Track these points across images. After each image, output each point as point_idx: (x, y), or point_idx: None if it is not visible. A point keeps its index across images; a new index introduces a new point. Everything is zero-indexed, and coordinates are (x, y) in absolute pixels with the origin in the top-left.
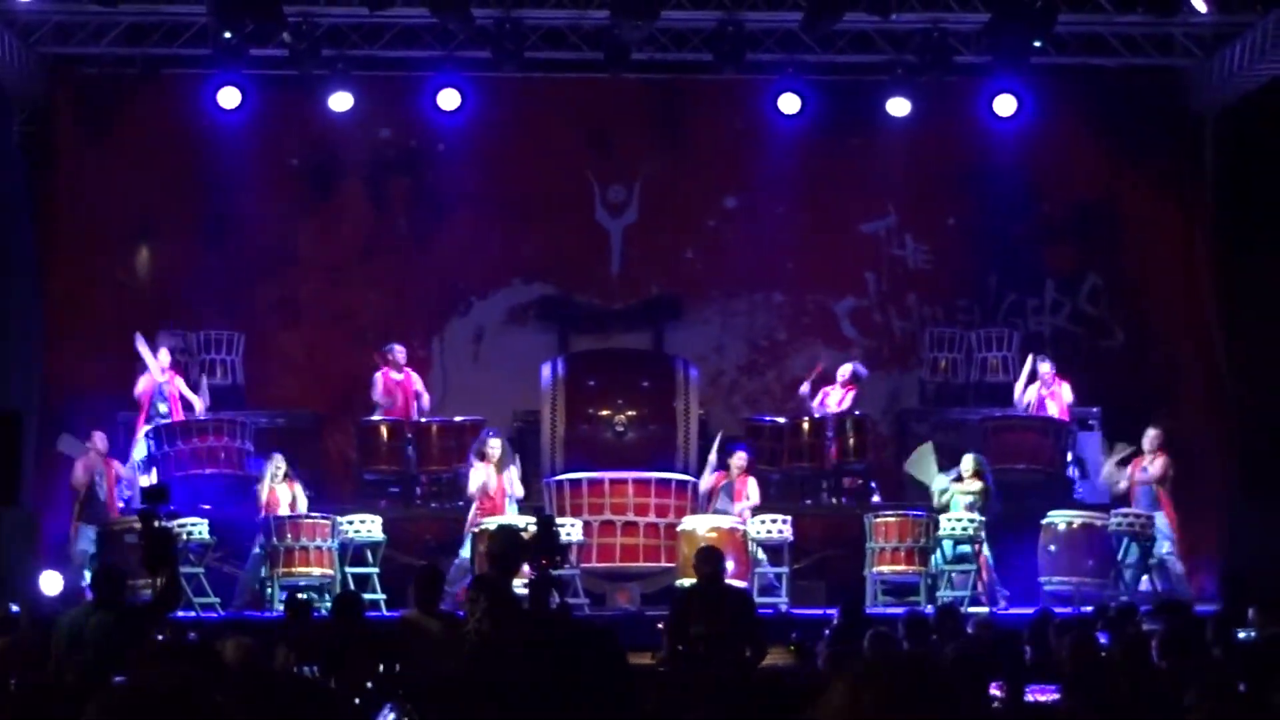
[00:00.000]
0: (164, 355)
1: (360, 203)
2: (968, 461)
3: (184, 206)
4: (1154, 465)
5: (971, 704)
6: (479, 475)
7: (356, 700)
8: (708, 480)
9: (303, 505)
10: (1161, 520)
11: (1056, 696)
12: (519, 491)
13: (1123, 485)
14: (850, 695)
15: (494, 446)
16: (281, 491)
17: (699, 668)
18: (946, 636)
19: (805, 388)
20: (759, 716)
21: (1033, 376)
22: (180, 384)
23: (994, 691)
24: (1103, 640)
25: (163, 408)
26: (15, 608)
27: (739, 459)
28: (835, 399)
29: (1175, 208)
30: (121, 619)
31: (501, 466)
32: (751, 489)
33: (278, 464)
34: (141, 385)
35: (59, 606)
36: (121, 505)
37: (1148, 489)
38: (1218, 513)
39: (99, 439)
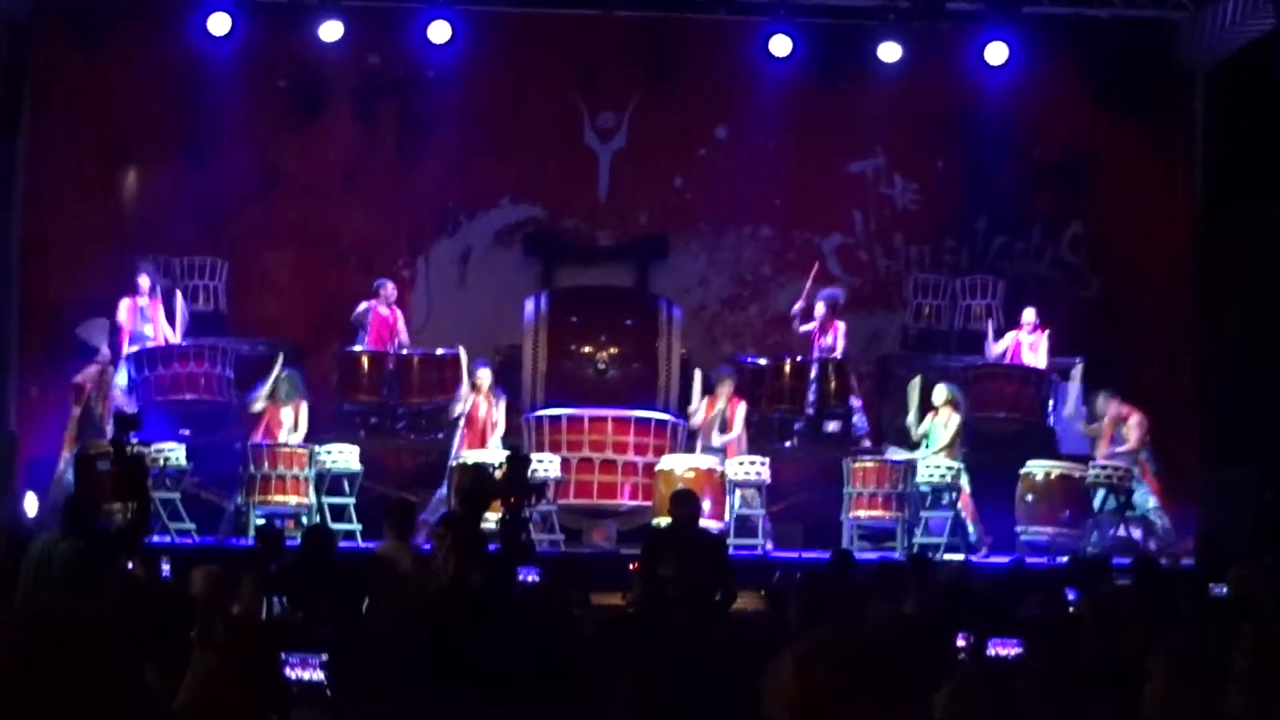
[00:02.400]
0: (144, 281)
1: (347, 125)
2: (940, 391)
3: (169, 129)
4: (1130, 435)
5: (937, 656)
6: (467, 401)
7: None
8: (700, 413)
9: (299, 435)
10: (1139, 472)
11: (1018, 651)
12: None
13: (1102, 448)
14: (798, 667)
15: (484, 376)
16: (284, 414)
17: (667, 610)
18: (917, 585)
19: (799, 304)
20: (723, 663)
21: (1011, 326)
22: (161, 313)
23: (960, 643)
24: (1071, 596)
25: (147, 330)
26: None
27: (726, 384)
28: (829, 341)
29: (1161, 160)
30: (91, 546)
31: (492, 397)
32: (739, 418)
33: (283, 378)
34: (123, 313)
35: (34, 530)
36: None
37: (1119, 439)
38: (1191, 468)
39: (106, 351)
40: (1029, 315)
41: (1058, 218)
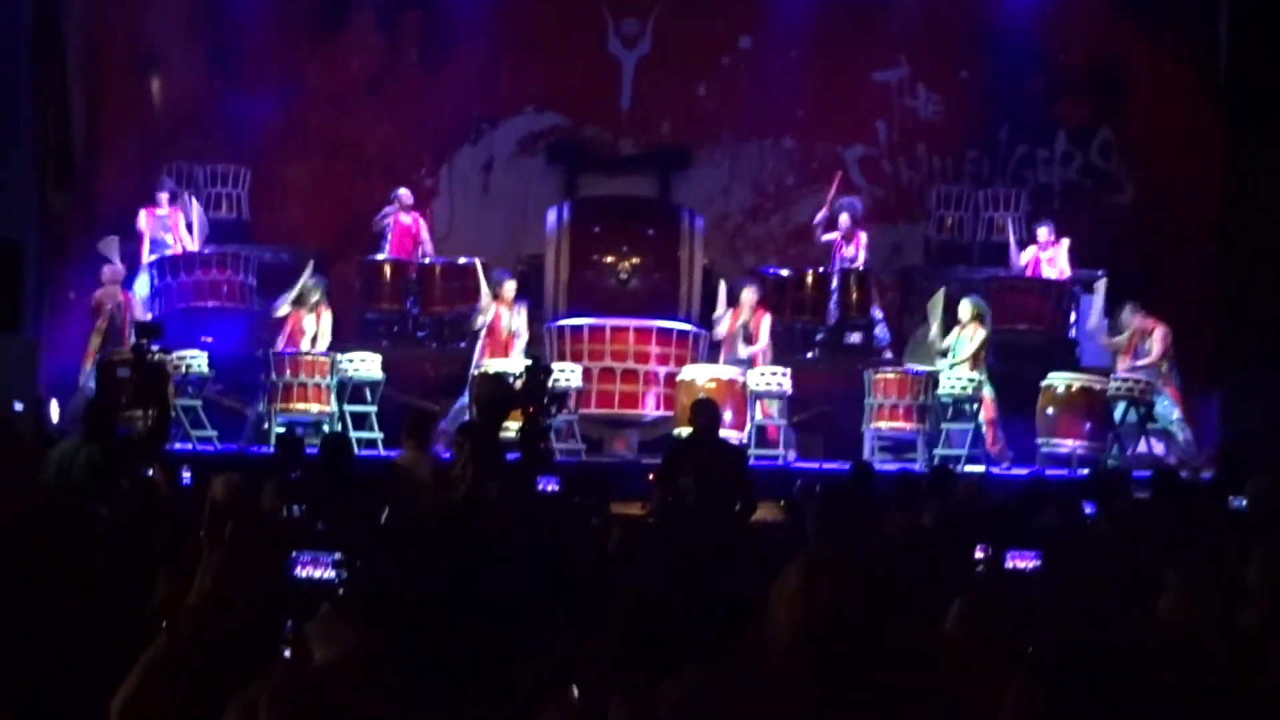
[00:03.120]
0: (163, 192)
1: (370, 33)
2: (966, 306)
3: (194, 40)
4: (1154, 347)
5: (954, 567)
6: (490, 312)
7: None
8: (724, 323)
9: (323, 343)
10: (1162, 385)
11: (1036, 563)
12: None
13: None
14: (803, 581)
15: (508, 287)
16: (307, 321)
17: (686, 520)
18: (936, 497)
19: (822, 213)
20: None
21: (1031, 240)
22: (181, 222)
23: (978, 555)
24: (1090, 510)
25: (168, 238)
26: (18, 405)
27: (749, 294)
28: (851, 251)
29: (1186, 74)
30: (111, 453)
31: (514, 307)
32: (765, 329)
33: (310, 285)
34: (143, 221)
35: (56, 436)
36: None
37: (1143, 351)
38: (1214, 380)
39: (108, 270)
40: (1044, 233)
41: (1086, 124)
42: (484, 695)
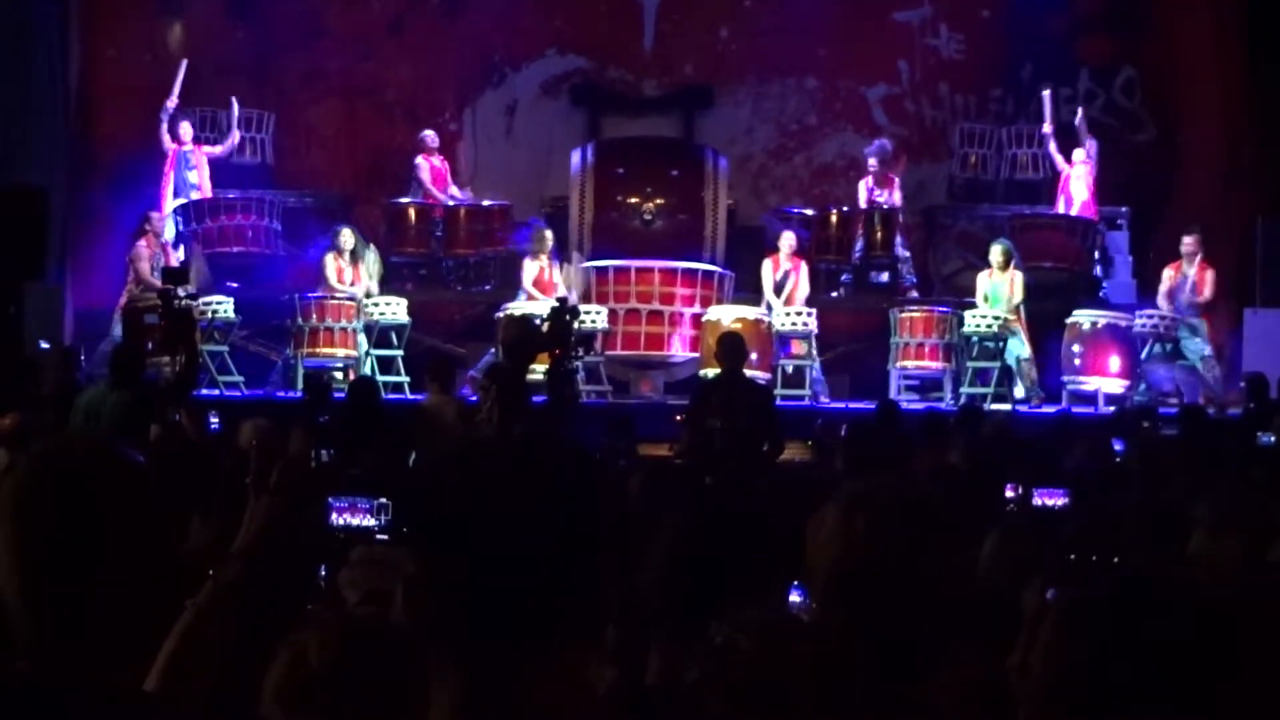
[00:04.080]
0: (186, 130)
1: None
2: (996, 251)
3: None
4: (1206, 285)
5: (982, 506)
6: (533, 268)
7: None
8: (767, 280)
9: (363, 288)
10: (1201, 325)
11: (1065, 501)
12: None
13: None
14: (842, 518)
15: (548, 237)
16: (347, 273)
17: (715, 460)
18: (963, 436)
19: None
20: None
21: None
22: (204, 161)
23: (1008, 493)
24: (1118, 446)
25: (192, 177)
26: (45, 344)
27: (788, 240)
28: (883, 197)
29: (1212, 7)
30: (139, 398)
31: (550, 256)
32: (805, 278)
33: (344, 239)
34: (166, 140)
35: (83, 382)
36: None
37: (1186, 288)
38: (1238, 316)
39: (157, 220)
40: (1079, 154)
41: (1108, 63)
42: (526, 631)
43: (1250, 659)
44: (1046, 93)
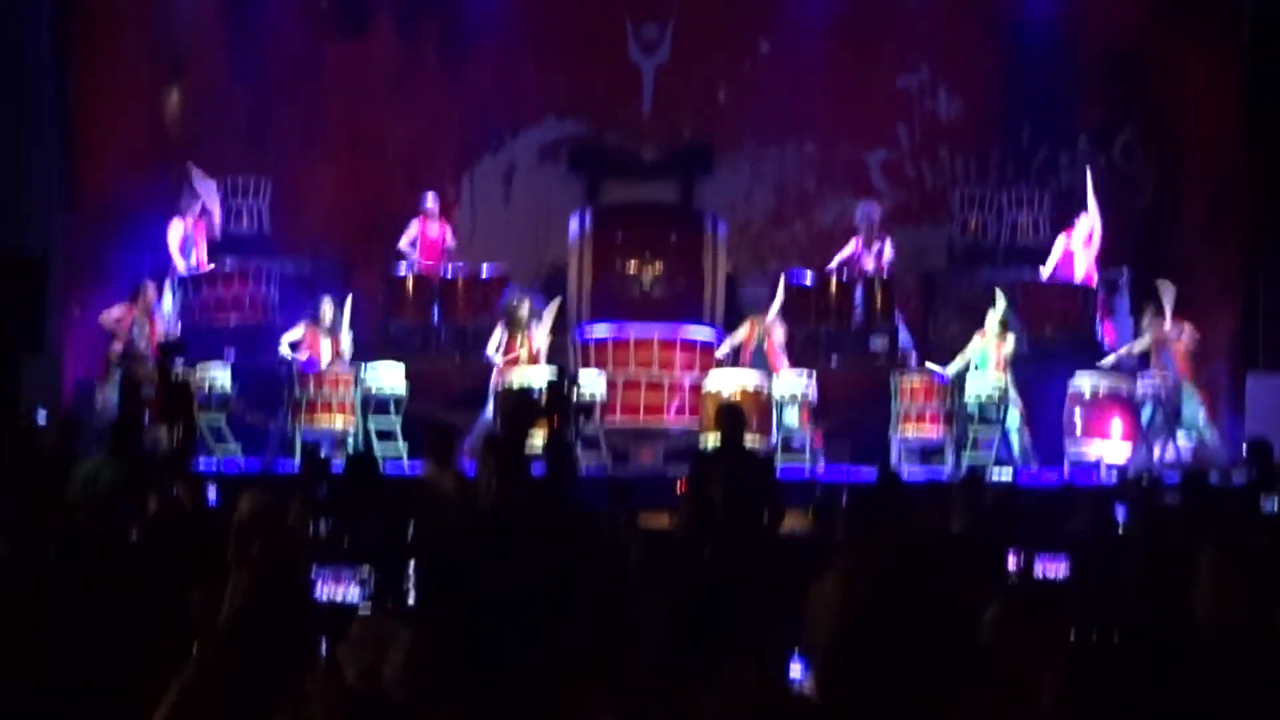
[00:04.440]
0: (191, 204)
1: (390, 38)
2: (992, 316)
3: (214, 46)
4: (1184, 337)
5: (985, 573)
6: (498, 336)
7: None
8: (727, 346)
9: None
10: (1189, 386)
11: (1066, 569)
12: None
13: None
14: (842, 587)
15: (525, 308)
16: (324, 345)
17: (716, 532)
18: (966, 503)
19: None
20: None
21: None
22: (204, 237)
23: (1010, 561)
24: (1120, 513)
25: (191, 258)
26: (42, 414)
27: (756, 317)
28: (871, 263)
29: (1212, 61)
30: (136, 470)
31: (529, 324)
32: (780, 345)
33: (323, 310)
34: (173, 235)
35: (82, 452)
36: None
37: (1169, 356)
38: (1239, 379)
39: (150, 288)
40: (1085, 224)
41: (1107, 125)
42: (526, 694)
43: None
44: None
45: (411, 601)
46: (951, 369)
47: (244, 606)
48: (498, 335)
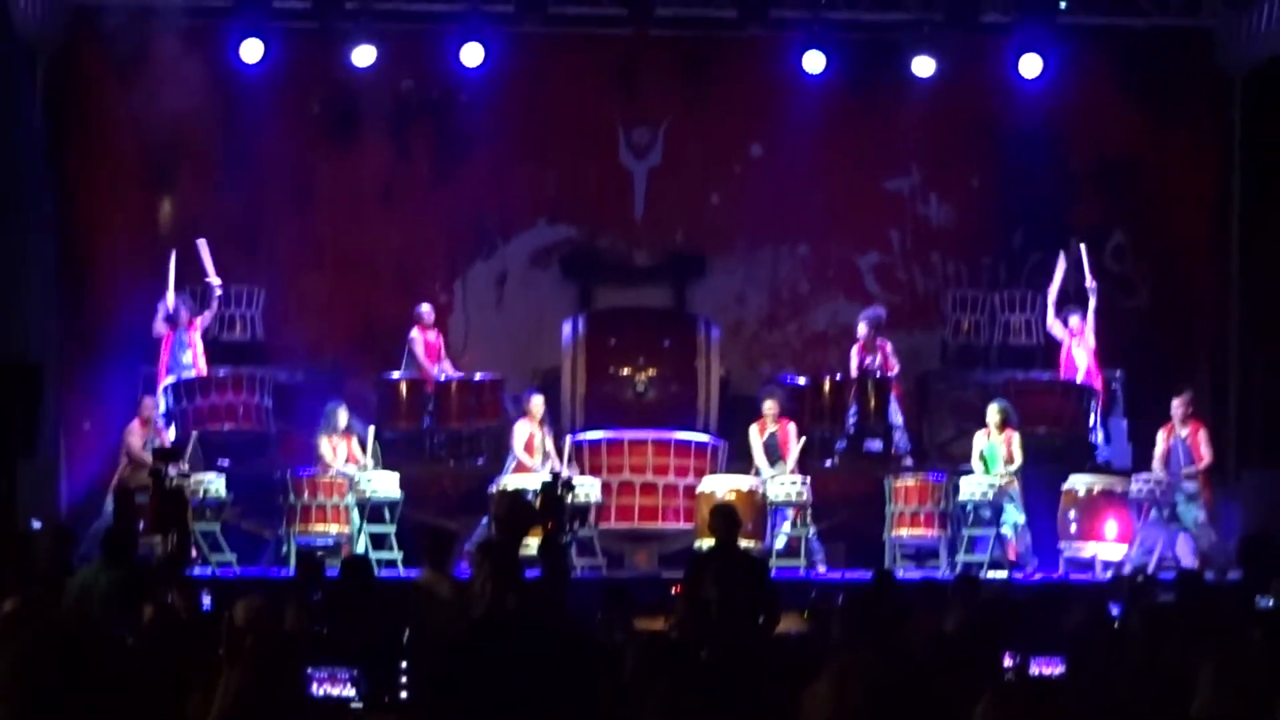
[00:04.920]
0: (184, 314)
1: (381, 147)
2: (993, 411)
3: (205, 154)
4: (1202, 447)
5: (980, 674)
6: (524, 431)
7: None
8: (752, 436)
9: (364, 466)
10: (1197, 490)
11: (1062, 669)
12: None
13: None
14: (835, 690)
15: (537, 404)
16: (340, 447)
17: (711, 634)
18: (960, 604)
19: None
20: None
21: (1063, 300)
22: (199, 342)
23: (1006, 662)
24: (1115, 612)
25: (185, 357)
26: (36, 524)
27: (770, 406)
28: (877, 360)
29: (1202, 168)
30: (131, 578)
31: (545, 426)
32: (793, 436)
33: (335, 417)
34: (160, 327)
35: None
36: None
37: (1179, 451)
38: (1236, 478)
39: (149, 404)
40: (1075, 321)
41: (1098, 228)
42: None
43: None
44: (1083, 246)
45: (405, 697)
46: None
47: (236, 703)
48: (521, 430)
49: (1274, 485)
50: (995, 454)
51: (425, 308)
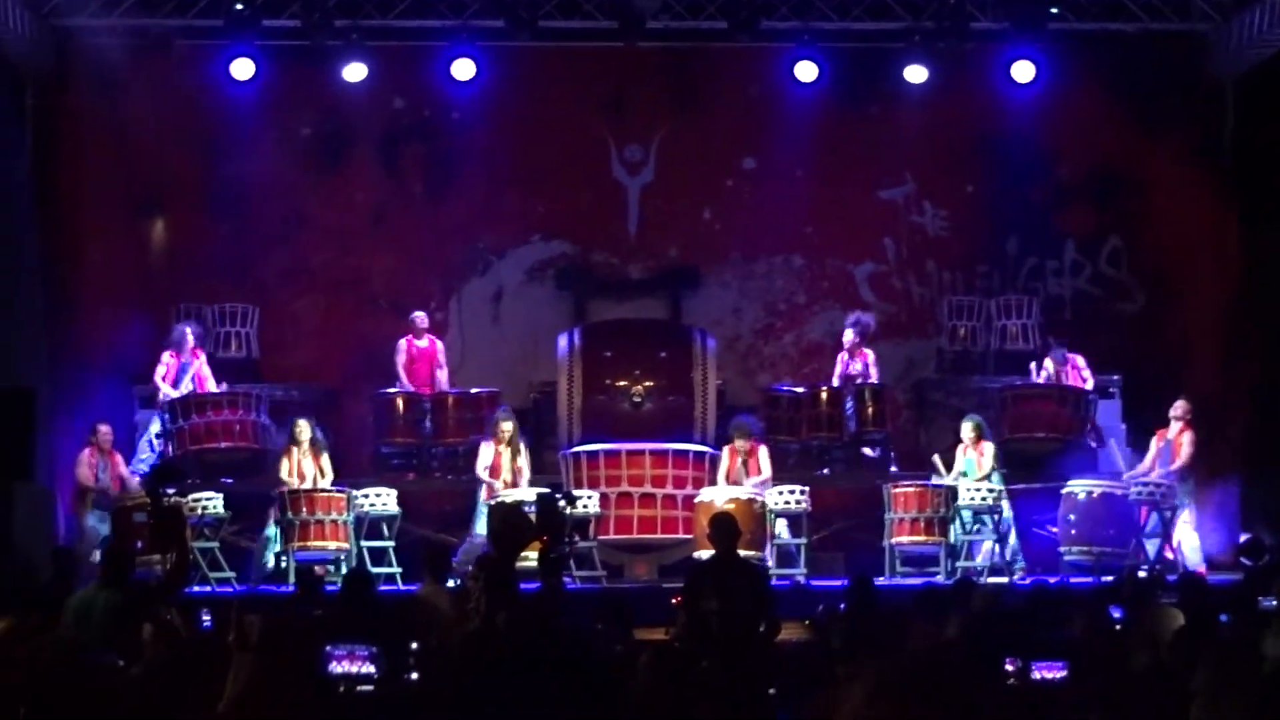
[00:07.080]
0: (189, 338)
1: (373, 168)
2: (966, 428)
3: (196, 178)
4: (1183, 448)
5: (981, 680)
6: (487, 453)
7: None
8: (722, 463)
9: (326, 480)
10: (1183, 492)
11: (1064, 673)
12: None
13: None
14: (867, 698)
15: (506, 428)
16: (306, 465)
17: (712, 644)
18: (959, 610)
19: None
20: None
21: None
22: (204, 366)
23: (1007, 667)
24: (1117, 615)
25: (188, 383)
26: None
27: (741, 444)
28: (857, 368)
29: (1195, 173)
30: (129, 598)
31: (516, 446)
32: (764, 460)
33: (300, 432)
34: (163, 367)
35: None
36: (137, 479)
37: (1168, 455)
38: (1235, 480)
39: (104, 433)
40: (1049, 365)
41: (1093, 233)
42: None
43: None
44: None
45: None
46: (948, 479)
47: (245, 690)
48: (485, 452)
49: (1272, 487)
50: (972, 468)
51: (419, 315)
